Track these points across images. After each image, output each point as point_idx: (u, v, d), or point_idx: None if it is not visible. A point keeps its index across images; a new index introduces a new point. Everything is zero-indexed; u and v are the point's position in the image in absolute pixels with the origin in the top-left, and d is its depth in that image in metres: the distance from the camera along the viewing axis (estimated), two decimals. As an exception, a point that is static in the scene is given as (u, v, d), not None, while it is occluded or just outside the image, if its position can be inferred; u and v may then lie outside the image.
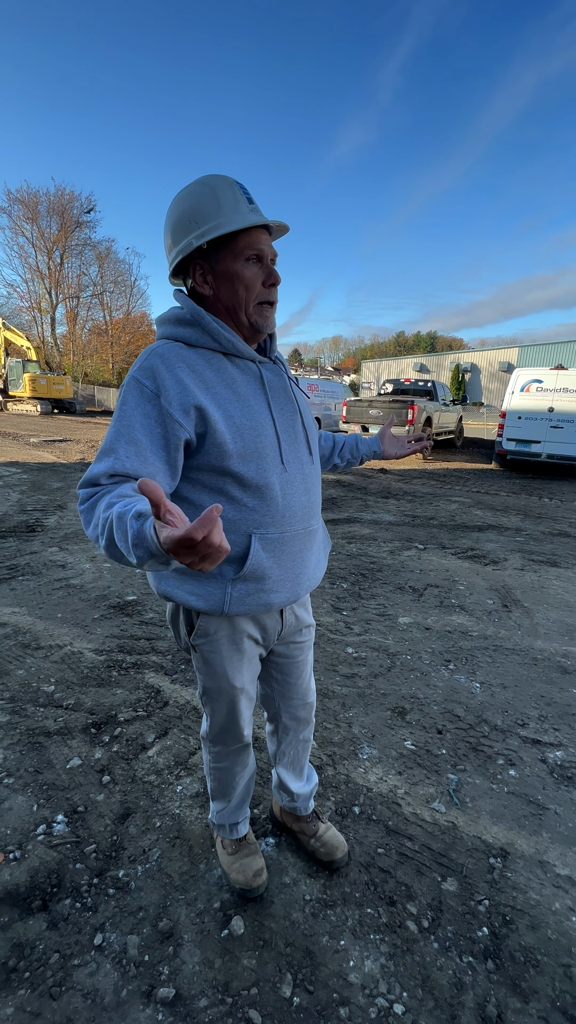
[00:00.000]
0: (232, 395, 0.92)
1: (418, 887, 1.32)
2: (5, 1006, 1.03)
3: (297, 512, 1.00)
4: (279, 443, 0.96)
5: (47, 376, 22.80)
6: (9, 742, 1.80)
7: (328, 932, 1.20)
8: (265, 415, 0.95)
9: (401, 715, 2.06)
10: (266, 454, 0.94)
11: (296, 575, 1.04)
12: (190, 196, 0.91)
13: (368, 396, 12.89)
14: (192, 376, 0.88)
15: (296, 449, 1.01)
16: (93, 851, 1.39)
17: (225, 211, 0.88)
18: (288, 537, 1.00)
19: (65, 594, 3.14)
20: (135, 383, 0.87)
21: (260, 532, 0.96)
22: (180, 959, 1.13)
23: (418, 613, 3.07)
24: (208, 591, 0.97)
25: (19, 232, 34.53)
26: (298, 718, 1.31)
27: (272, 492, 0.95)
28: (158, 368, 0.87)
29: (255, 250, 0.90)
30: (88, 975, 1.09)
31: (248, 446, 0.91)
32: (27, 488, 6.28)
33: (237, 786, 1.29)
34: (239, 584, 0.97)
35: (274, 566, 0.99)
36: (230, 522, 0.94)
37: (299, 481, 1.01)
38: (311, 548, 1.07)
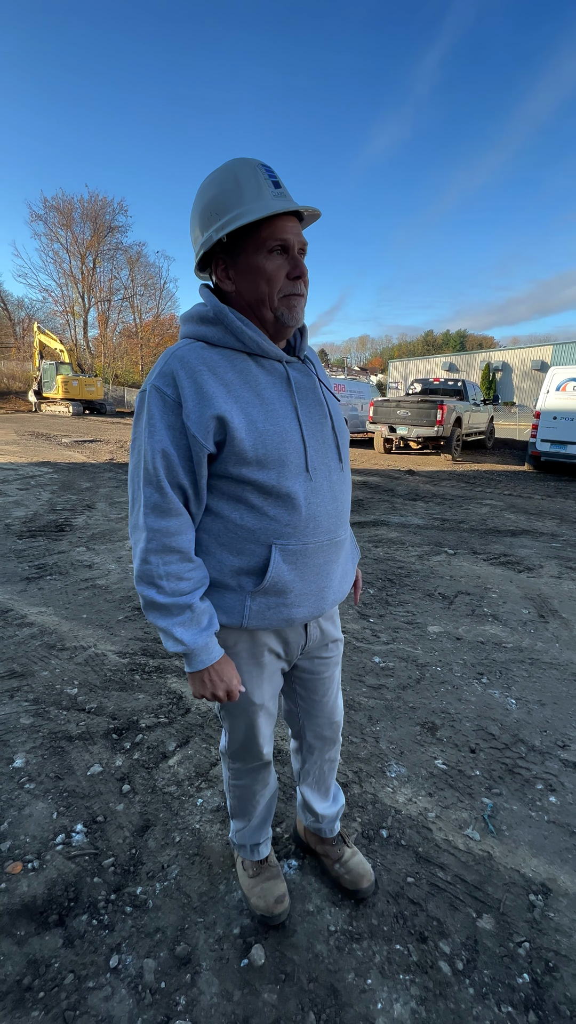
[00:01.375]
0: (255, 398, 0.86)
1: (451, 923, 1.23)
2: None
3: (322, 522, 0.93)
4: (305, 449, 0.90)
5: (79, 378, 23.40)
6: (32, 745, 1.79)
7: (354, 968, 1.12)
8: (291, 419, 0.89)
9: (431, 731, 1.96)
10: (290, 461, 0.88)
11: (320, 589, 0.97)
12: (212, 185, 0.85)
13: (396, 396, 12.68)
14: (213, 380, 0.83)
15: (324, 455, 0.94)
16: (111, 864, 1.35)
17: (247, 199, 0.82)
18: (312, 549, 0.93)
19: (91, 594, 3.16)
20: (156, 393, 0.84)
21: (281, 543, 0.90)
22: (198, 988, 1.08)
23: (448, 622, 2.94)
24: (227, 604, 0.93)
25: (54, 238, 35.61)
26: (323, 737, 1.23)
27: (295, 501, 0.89)
28: (178, 373, 0.83)
29: (279, 240, 0.83)
30: (103, 999, 1.05)
31: (270, 453, 0.86)
32: (57, 488, 6.41)
33: (257, 805, 1.23)
34: (258, 598, 0.91)
35: (296, 579, 0.92)
36: (250, 531, 0.89)
37: (326, 489, 0.94)
38: (337, 560, 1.00)
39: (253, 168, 0.83)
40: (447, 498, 6.76)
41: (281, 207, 0.81)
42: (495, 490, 7.54)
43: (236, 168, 0.84)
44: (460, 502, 6.51)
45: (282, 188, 0.84)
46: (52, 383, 23.26)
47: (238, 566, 0.91)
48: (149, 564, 0.86)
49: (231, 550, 0.90)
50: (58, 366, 23.52)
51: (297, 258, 0.86)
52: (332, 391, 1.02)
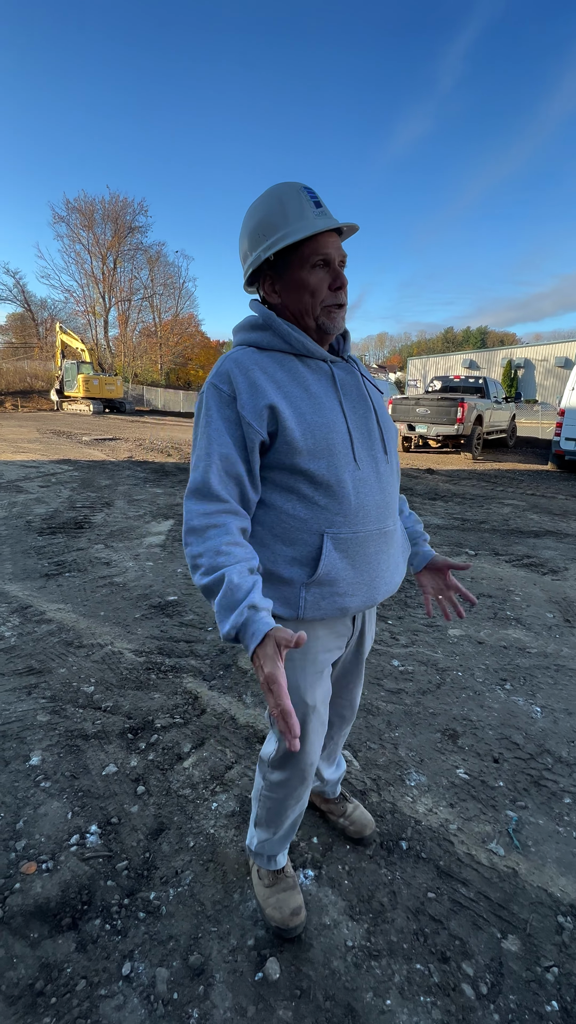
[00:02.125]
0: (303, 393, 0.92)
1: (474, 943, 1.18)
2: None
3: (371, 511, 0.96)
4: (351, 440, 0.95)
5: (99, 377, 23.74)
6: (48, 743, 1.79)
7: (373, 988, 1.08)
8: (337, 412, 0.94)
9: (452, 738, 1.90)
10: (337, 451, 0.92)
11: (371, 579, 0.98)
12: (259, 209, 0.93)
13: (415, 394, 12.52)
14: (264, 377, 0.90)
15: (370, 447, 0.98)
16: (125, 868, 1.33)
17: (291, 220, 0.89)
18: (362, 537, 0.95)
19: (108, 592, 3.17)
20: (214, 389, 0.91)
21: (332, 531, 0.93)
22: (211, 1001, 1.05)
23: (470, 625, 2.87)
24: (283, 595, 0.94)
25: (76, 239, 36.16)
26: (343, 716, 1.32)
27: (344, 489, 0.92)
28: (233, 372, 0.90)
29: (321, 255, 0.91)
30: (115, 1008, 1.03)
31: (319, 443, 0.91)
32: (77, 485, 6.49)
33: (286, 820, 1.19)
34: (312, 588, 0.93)
35: (347, 567, 0.94)
36: (302, 521, 0.93)
37: (373, 479, 0.97)
38: (387, 551, 1.02)
39: (296, 191, 0.91)
40: (467, 498, 6.63)
41: (323, 225, 0.88)
42: (517, 490, 7.37)
43: (281, 192, 0.92)
44: (481, 502, 6.37)
45: (323, 207, 0.92)
46: (73, 382, 23.64)
47: (292, 556, 0.93)
48: (190, 545, 0.88)
49: (284, 540, 0.94)
50: (79, 365, 23.89)
51: (338, 270, 0.93)
52: (376, 387, 1.07)
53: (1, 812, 1.49)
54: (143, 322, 40.23)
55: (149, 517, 5.04)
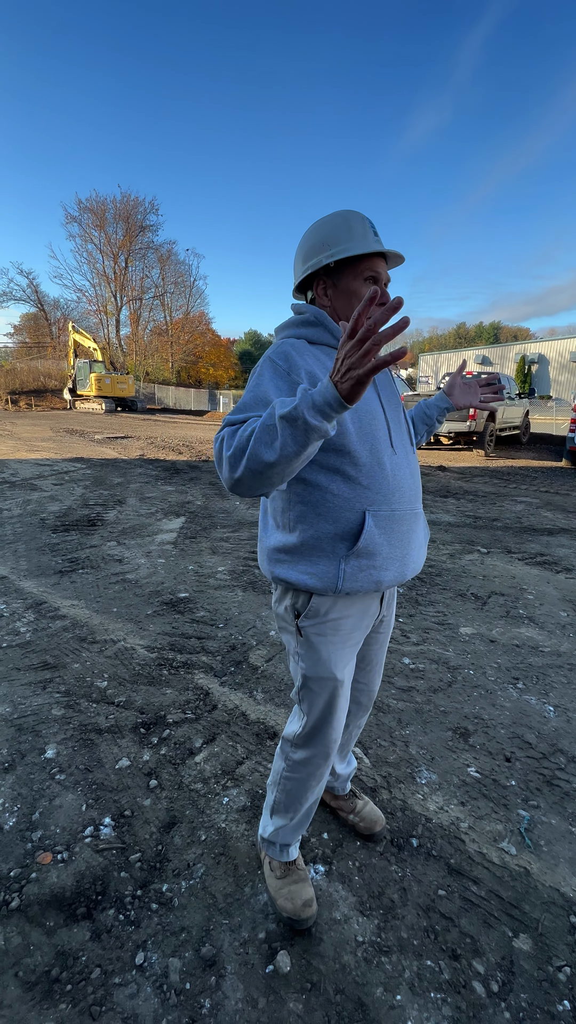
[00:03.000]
0: None
1: (485, 941, 1.18)
2: (46, 1019, 1.01)
3: (406, 493, 1.06)
4: (388, 428, 1.06)
5: (111, 375, 23.93)
6: (63, 737, 1.82)
7: (383, 983, 1.08)
8: (376, 403, 1.06)
9: (464, 737, 1.89)
10: (379, 436, 1.02)
11: (403, 555, 1.06)
12: (327, 225, 1.05)
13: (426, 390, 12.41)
14: (317, 364, 0.99)
15: (401, 436, 1.10)
16: (138, 860, 1.35)
17: (355, 238, 1.02)
18: (398, 516, 1.04)
19: (121, 588, 3.21)
20: (270, 362, 0.98)
21: (373, 509, 1.00)
22: (222, 992, 1.06)
23: (481, 623, 2.85)
24: (322, 569, 1.01)
25: (88, 239, 36.44)
26: (359, 703, 1.35)
27: (384, 471, 1.01)
28: (290, 353, 0.98)
29: (373, 272, 1.03)
30: (128, 997, 1.05)
31: (365, 427, 1.00)
32: (90, 483, 6.56)
33: (305, 802, 1.22)
34: (352, 560, 1.00)
35: (384, 543, 1.02)
36: (345, 499, 1.00)
37: (405, 465, 1.07)
38: (416, 530, 1.11)
39: (361, 218, 1.06)
40: (480, 495, 6.56)
41: (379, 247, 1.03)
42: (530, 487, 7.28)
43: (349, 216, 1.05)
44: (493, 499, 6.31)
45: (379, 236, 1.06)
46: (86, 381, 23.87)
47: (334, 532, 1.01)
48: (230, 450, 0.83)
49: (328, 519, 1.00)
50: (92, 364, 24.11)
51: (383, 288, 1.04)
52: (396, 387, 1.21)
53: (18, 804, 1.52)
54: (154, 321, 40.47)
55: (161, 515, 5.08)
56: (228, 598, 3.09)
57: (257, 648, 2.50)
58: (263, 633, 2.65)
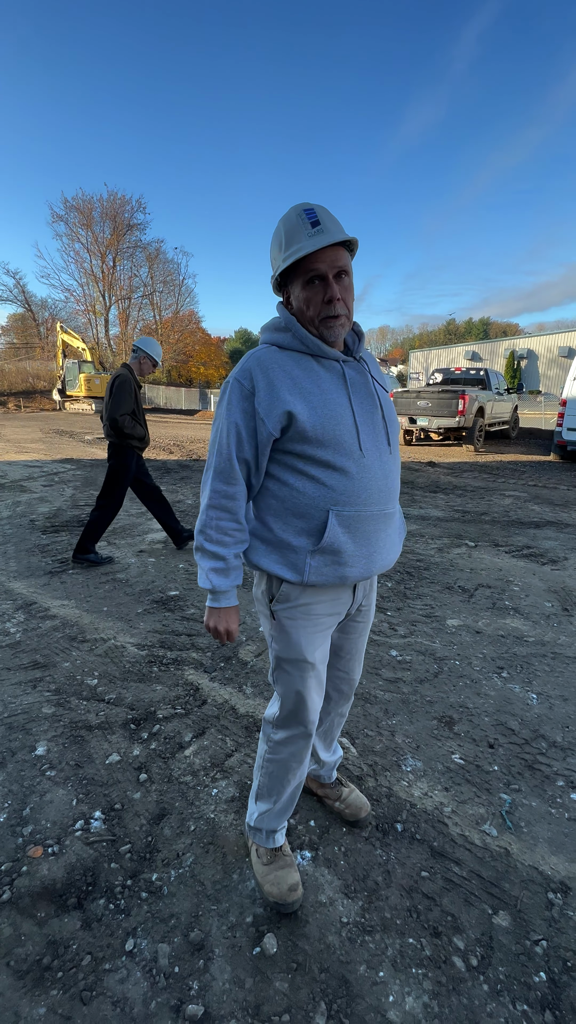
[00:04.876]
0: (316, 389, 1.04)
1: (466, 919, 1.22)
2: (38, 1005, 1.03)
3: (373, 495, 1.08)
4: (357, 432, 1.06)
5: (101, 376, 23.77)
6: (53, 734, 1.84)
7: (366, 961, 1.12)
8: (345, 407, 1.06)
9: (448, 725, 1.93)
10: (344, 441, 1.04)
11: (370, 553, 1.10)
12: (273, 236, 1.08)
13: (416, 387, 12.47)
14: (283, 375, 1.03)
15: (375, 439, 1.09)
16: (128, 851, 1.38)
17: (290, 244, 1.02)
18: (364, 516, 1.07)
19: (111, 588, 3.22)
20: (236, 384, 1.05)
21: (337, 509, 1.05)
22: (210, 974, 1.09)
23: (468, 615, 2.89)
24: (291, 561, 1.08)
25: (75, 238, 36.14)
26: (340, 690, 1.38)
27: (349, 474, 1.05)
28: (254, 371, 1.04)
29: (311, 271, 1.01)
30: (118, 982, 1.08)
31: (327, 433, 1.03)
32: (80, 484, 6.55)
33: (288, 785, 1.26)
34: (317, 556, 1.06)
35: (349, 541, 1.07)
36: (311, 498, 1.05)
37: (377, 467, 1.08)
38: (386, 530, 1.13)
39: (296, 215, 1.03)
40: (468, 489, 6.63)
41: (309, 247, 0.98)
42: (519, 481, 7.36)
43: (286, 218, 1.05)
44: (482, 493, 6.38)
45: (321, 224, 1.00)
46: (75, 381, 23.72)
47: (302, 527, 1.07)
48: (206, 516, 1.09)
49: (296, 514, 1.07)
50: (80, 364, 23.96)
51: (331, 284, 1.01)
52: (384, 386, 1.18)
53: (8, 800, 1.54)
54: (143, 320, 40.24)
55: (150, 515, 5.08)
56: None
57: (247, 644, 2.53)
58: (252, 629, 2.68)
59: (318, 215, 1.02)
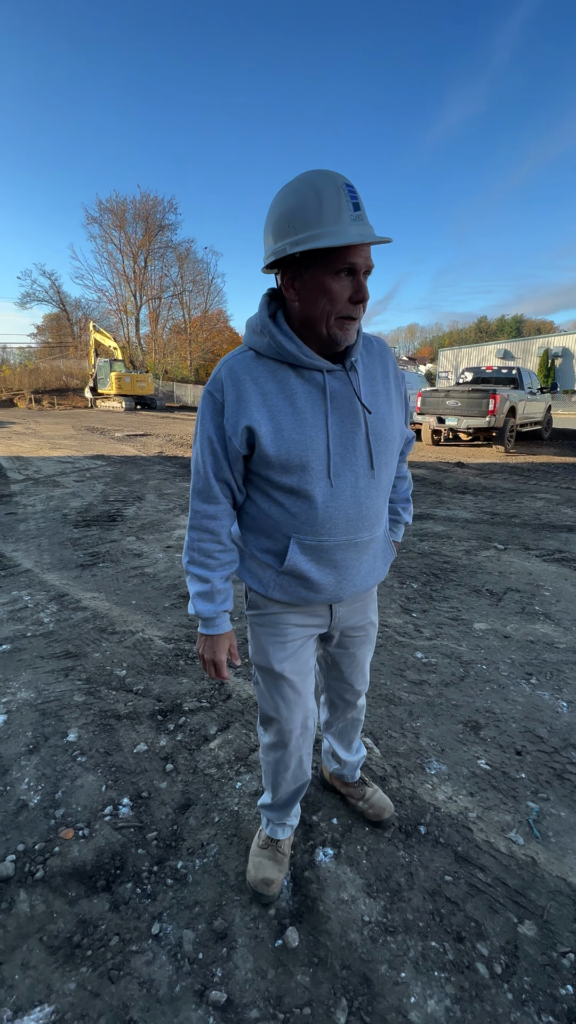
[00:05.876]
0: (288, 407, 0.93)
1: (490, 926, 1.20)
2: (68, 980, 1.07)
3: (340, 524, 1.00)
4: (329, 457, 0.95)
5: (131, 374, 24.25)
6: (84, 721, 1.90)
7: (388, 960, 1.12)
8: (319, 429, 0.94)
9: (474, 730, 1.90)
10: (312, 467, 0.95)
11: (337, 581, 1.05)
12: (293, 195, 0.85)
13: (445, 386, 12.27)
14: (253, 389, 0.93)
15: (351, 462, 0.98)
16: (154, 838, 1.42)
17: (326, 220, 0.82)
18: (328, 546, 1.01)
19: (140, 582, 3.29)
20: (209, 397, 0.97)
21: (298, 537, 1.00)
22: (233, 963, 1.11)
23: (496, 619, 2.84)
24: (259, 575, 1.07)
25: (108, 239, 36.93)
26: (345, 700, 1.37)
27: (313, 503, 0.97)
28: (225, 382, 0.95)
29: (348, 263, 0.85)
30: (145, 963, 1.11)
31: (292, 459, 0.94)
32: (110, 480, 6.71)
33: (280, 788, 1.28)
34: (282, 576, 1.05)
35: (312, 569, 1.02)
36: (275, 522, 1.01)
37: (349, 495, 0.99)
38: (359, 558, 1.06)
39: (338, 188, 0.83)
40: (498, 491, 6.48)
41: (357, 239, 0.81)
42: (551, 483, 7.15)
43: (320, 184, 0.83)
44: (512, 496, 6.23)
45: (361, 210, 0.84)
46: (106, 380, 24.25)
47: (267, 546, 1.05)
48: (189, 537, 1.06)
49: (263, 533, 1.05)
50: (112, 363, 24.47)
51: (361, 282, 0.88)
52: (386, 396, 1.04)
53: (42, 783, 1.60)
54: (173, 319, 40.84)
55: (179, 511, 5.17)
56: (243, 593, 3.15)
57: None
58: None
59: (359, 196, 0.85)
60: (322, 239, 0.82)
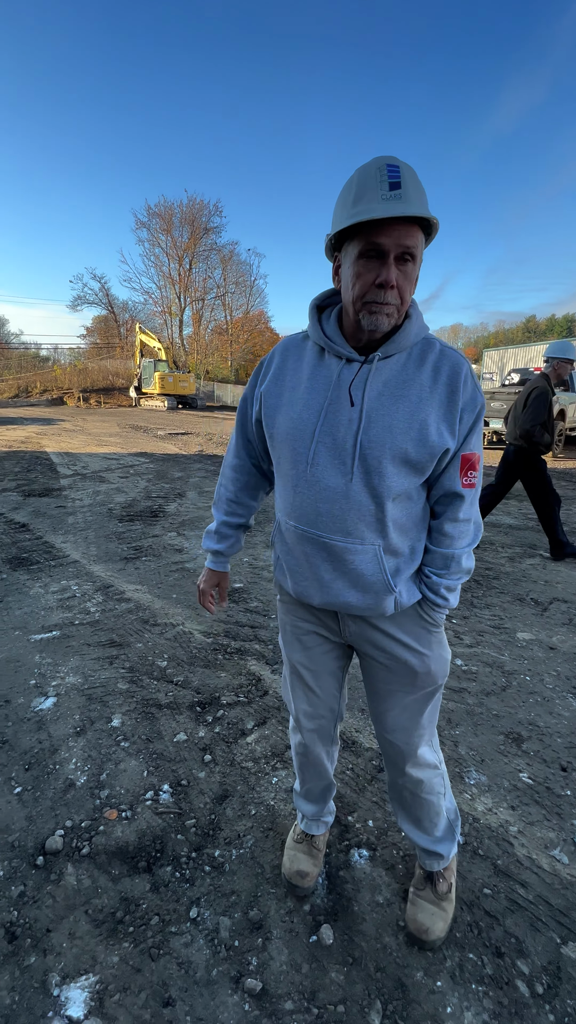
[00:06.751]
0: (298, 385, 0.97)
1: (531, 944, 1.16)
2: (112, 954, 1.12)
3: (309, 514, 0.96)
4: (312, 443, 0.93)
5: (174, 374, 24.84)
6: (127, 708, 1.97)
7: (424, 968, 1.11)
8: (314, 411, 0.93)
9: (516, 742, 1.84)
10: (297, 448, 0.96)
11: (304, 577, 1.03)
12: (346, 183, 0.87)
13: (490, 387, 11.89)
14: (283, 365, 1.01)
15: (334, 457, 0.91)
16: (193, 825, 1.46)
17: (357, 201, 0.81)
18: (298, 535, 1.00)
19: (180, 576, 3.38)
20: (258, 364, 1.08)
21: (281, 515, 1.05)
22: (268, 954, 1.13)
23: (541, 629, 2.74)
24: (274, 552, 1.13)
25: (156, 243, 38.00)
26: (385, 751, 1.16)
27: (289, 482, 0.99)
28: (273, 354, 1.05)
29: (373, 244, 0.81)
30: (183, 945, 1.14)
31: (285, 434, 0.97)
32: (153, 477, 6.91)
33: (299, 773, 1.32)
34: (277, 557, 1.11)
35: (285, 552, 1.06)
36: (277, 498, 1.07)
37: (323, 487, 0.93)
38: (329, 563, 0.97)
39: (376, 168, 0.81)
40: (545, 497, 6.23)
41: (379, 212, 0.77)
42: (603, 490, 6.80)
43: (365, 167, 0.83)
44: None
45: (400, 189, 0.79)
46: (150, 379, 24.95)
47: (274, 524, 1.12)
48: (218, 482, 1.21)
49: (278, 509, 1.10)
50: (156, 363, 25.15)
51: (390, 266, 0.82)
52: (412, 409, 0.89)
53: (88, 764, 1.68)
54: (215, 320, 41.54)
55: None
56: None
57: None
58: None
59: (401, 174, 0.79)
60: (344, 220, 0.82)
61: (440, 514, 1.01)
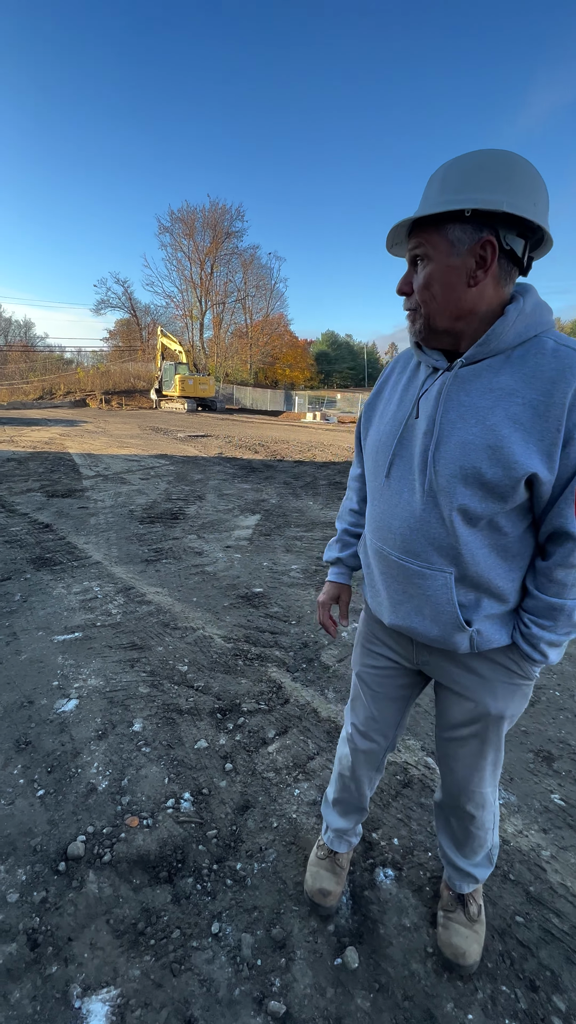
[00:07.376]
0: (394, 397, 0.98)
1: (568, 978, 1.11)
2: (133, 966, 1.11)
3: (382, 531, 0.95)
4: (392, 455, 0.93)
5: (194, 377, 25.09)
6: (148, 713, 1.97)
7: (454, 999, 1.06)
8: (398, 425, 0.93)
9: (547, 761, 1.78)
10: (379, 461, 0.96)
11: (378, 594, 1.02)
12: None
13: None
14: (386, 377, 1.04)
15: (406, 471, 0.90)
16: (214, 836, 1.43)
17: None
18: (374, 551, 0.99)
19: (200, 580, 3.38)
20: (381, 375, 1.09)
21: (368, 532, 1.03)
22: (292, 975, 1.10)
23: (571, 644, 2.64)
24: None
25: (178, 247, 38.50)
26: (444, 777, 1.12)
27: (370, 496, 1.02)
28: (385, 368, 1.08)
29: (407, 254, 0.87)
30: (205, 961, 1.12)
31: (371, 447, 1.00)
32: (173, 479, 6.95)
33: (332, 781, 1.31)
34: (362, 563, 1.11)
35: (366, 566, 1.07)
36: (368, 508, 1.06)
37: (403, 501, 0.90)
38: (402, 585, 0.93)
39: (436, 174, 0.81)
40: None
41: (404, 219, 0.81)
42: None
43: None
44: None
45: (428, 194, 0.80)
46: (171, 382, 25.26)
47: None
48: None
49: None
50: (176, 366, 25.46)
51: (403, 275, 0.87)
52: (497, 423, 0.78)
53: (109, 769, 1.67)
54: (235, 323, 41.86)
55: (237, 511, 5.26)
56: (301, 596, 3.15)
57: (329, 648, 2.52)
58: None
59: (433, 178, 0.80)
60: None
61: (550, 555, 0.85)
